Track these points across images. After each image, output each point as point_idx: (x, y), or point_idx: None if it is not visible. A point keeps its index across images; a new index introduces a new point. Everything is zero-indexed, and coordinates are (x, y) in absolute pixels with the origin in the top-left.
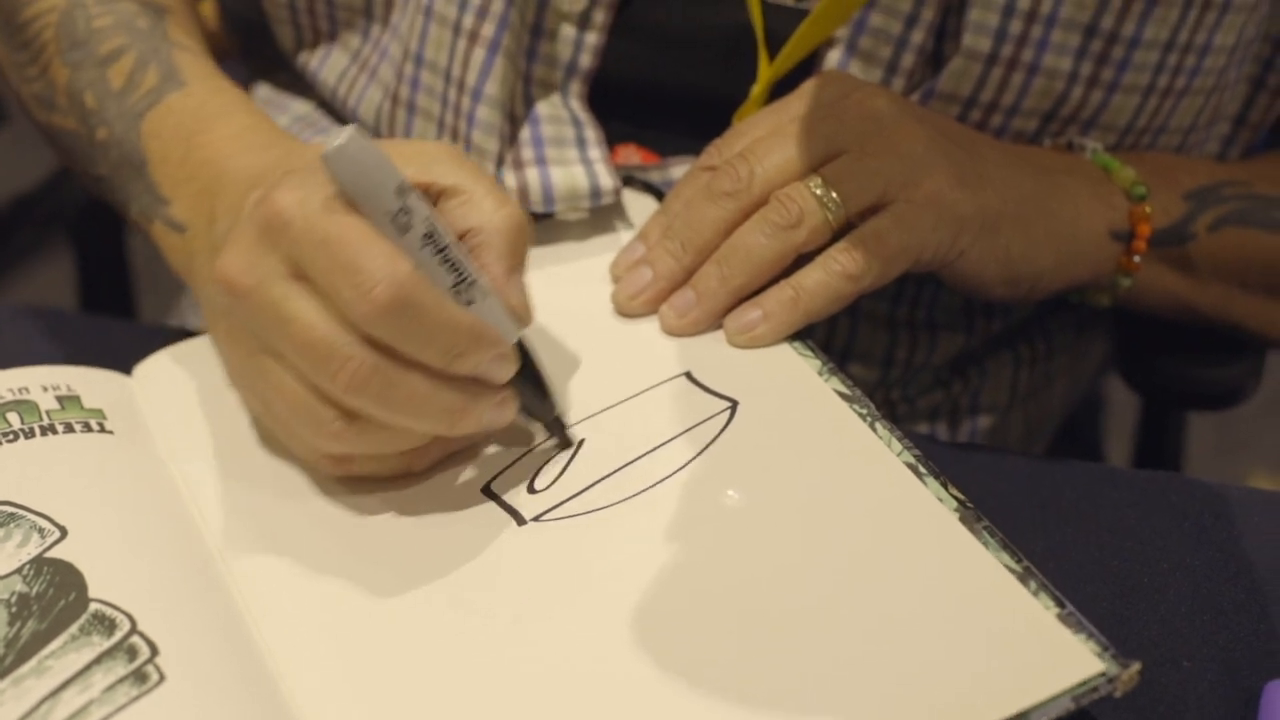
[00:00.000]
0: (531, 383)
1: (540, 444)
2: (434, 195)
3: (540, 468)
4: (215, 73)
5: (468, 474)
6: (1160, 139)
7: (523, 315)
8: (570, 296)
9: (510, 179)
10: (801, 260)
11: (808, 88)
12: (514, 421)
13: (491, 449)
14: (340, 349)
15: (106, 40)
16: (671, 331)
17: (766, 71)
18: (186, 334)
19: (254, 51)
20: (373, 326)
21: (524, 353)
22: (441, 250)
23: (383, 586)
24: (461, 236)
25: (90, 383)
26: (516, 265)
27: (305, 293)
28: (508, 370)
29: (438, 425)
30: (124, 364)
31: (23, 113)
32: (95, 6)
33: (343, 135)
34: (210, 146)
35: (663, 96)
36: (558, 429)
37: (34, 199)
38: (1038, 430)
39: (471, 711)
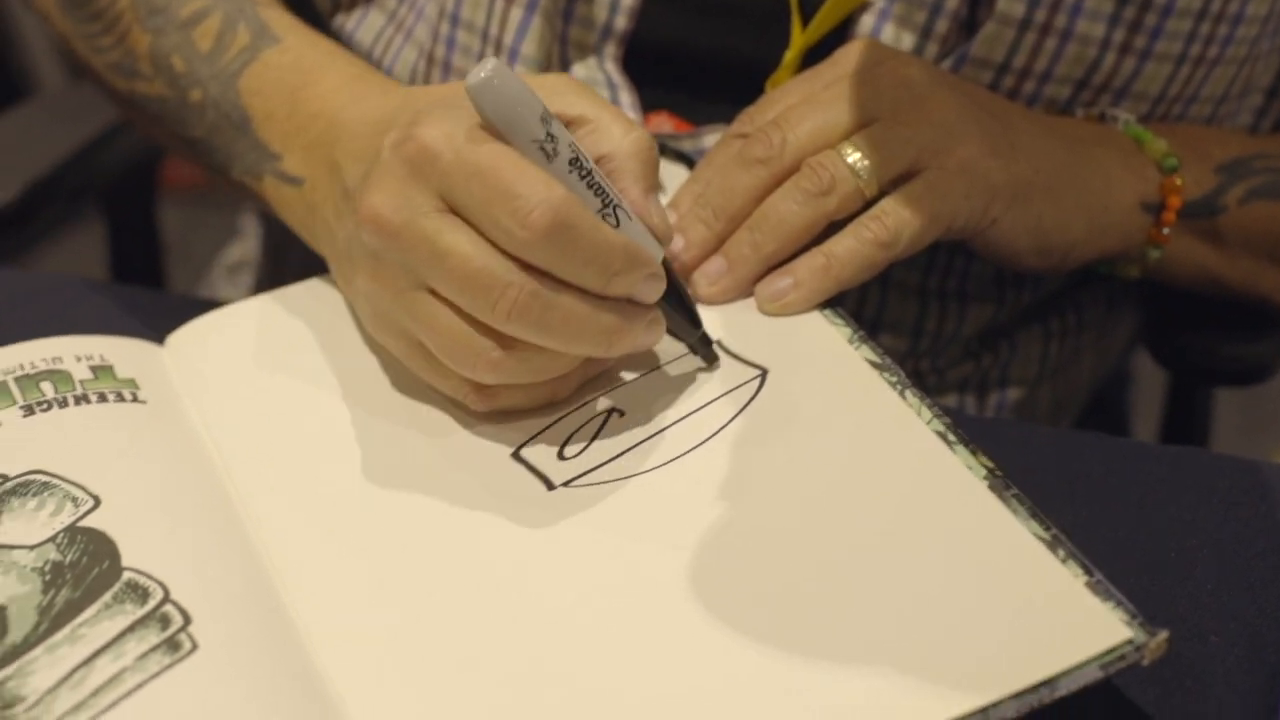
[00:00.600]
0: (677, 302)
1: (570, 411)
2: (565, 124)
3: (571, 435)
4: (306, 27)
5: (498, 440)
6: (1192, 109)
7: (664, 235)
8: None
9: None
10: (833, 228)
11: (840, 56)
12: None
13: (521, 414)
14: (500, 276)
15: (186, 3)
16: (703, 299)
17: (799, 38)
18: (216, 305)
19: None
20: (532, 252)
21: (669, 273)
22: (586, 175)
23: (413, 553)
24: (598, 161)
25: (123, 353)
26: (651, 187)
27: (459, 225)
28: (659, 289)
29: (596, 347)
30: (155, 334)
31: (62, 81)
32: None
33: (487, 67)
34: (319, 99)
35: (696, 62)
36: (704, 347)
37: (65, 170)
38: (1066, 405)
39: (500, 674)
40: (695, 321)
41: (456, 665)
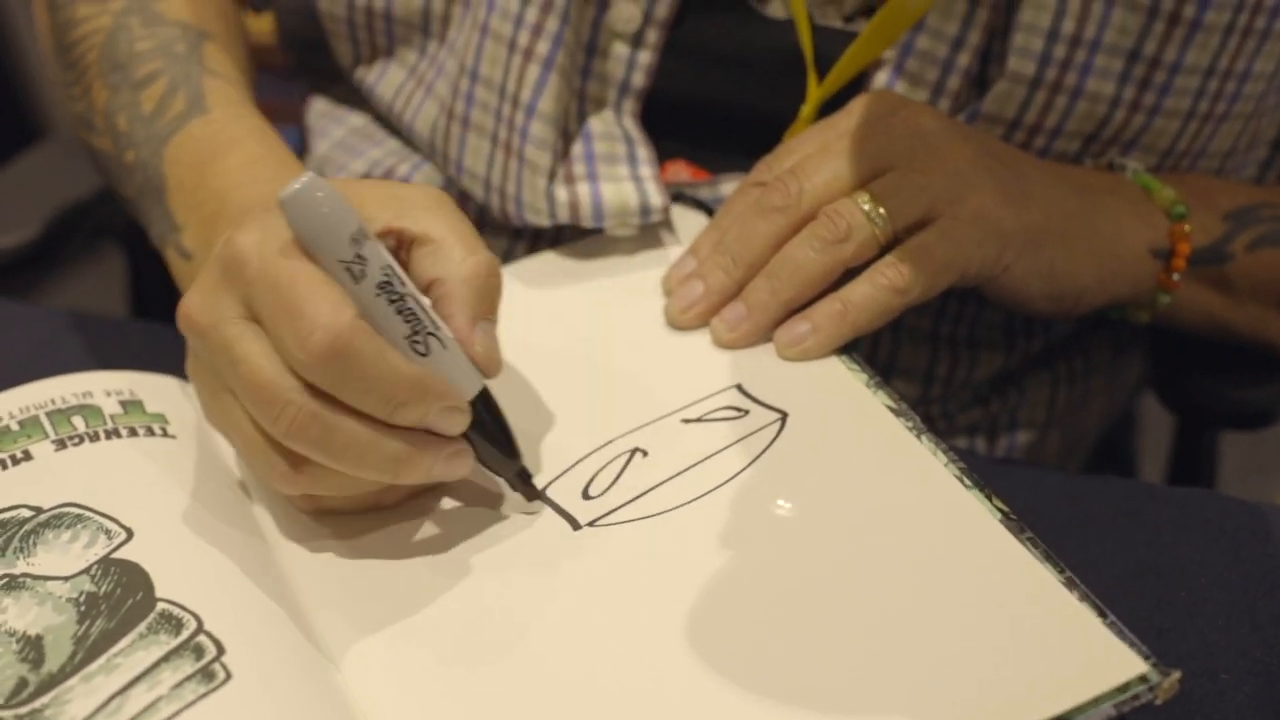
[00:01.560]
0: (491, 436)
1: (594, 451)
2: (406, 242)
3: (595, 474)
4: (240, 100)
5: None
6: (1199, 163)
7: (486, 366)
8: (622, 310)
9: (562, 193)
10: (849, 274)
11: (856, 105)
12: (567, 427)
13: (546, 453)
14: (281, 393)
15: (144, 64)
16: (723, 344)
17: (815, 92)
18: None
19: (311, 67)
20: (311, 373)
21: (487, 405)
22: (396, 300)
23: (441, 589)
24: (429, 285)
25: (152, 388)
26: (483, 314)
27: (257, 335)
28: (458, 423)
29: (381, 474)
30: (177, 369)
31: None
32: (139, 29)
33: (299, 180)
34: (221, 176)
35: (713, 115)
36: (520, 485)
37: (86, 207)
38: (1074, 447)
39: (526, 711)
40: (512, 454)
41: (484, 701)
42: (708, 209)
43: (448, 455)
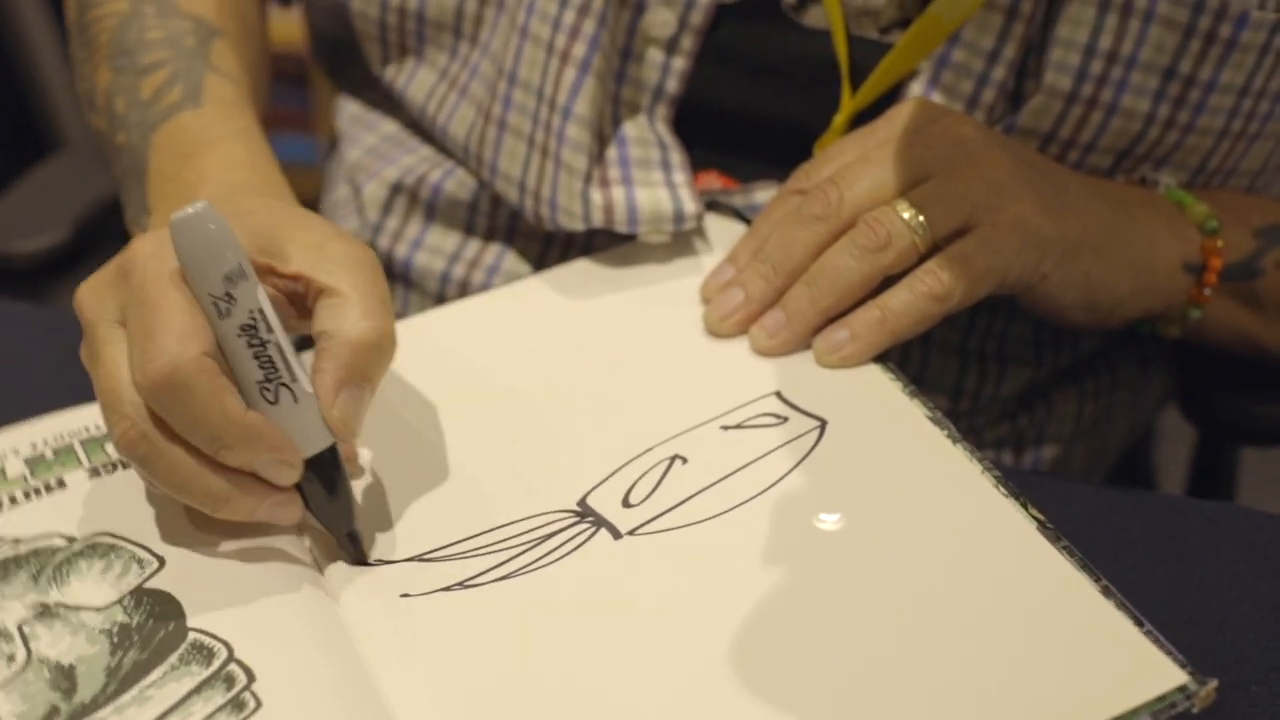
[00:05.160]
0: (322, 493)
1: (634, 459)
2: (314, 292)
3: (635, 482)
4: (236, 99)
5: (563, 487)
6: (1230, 180)
7: (338, 430)
8: (658, 318)
9: (597, 197)
10: (888, 282)
11: (894, 114)
12: (607, 435)
13: (586, 462)
14: (121, 405)
15: (151, 53)
16: (762, 351)
17: (849, 102)
18: None
19: (341, 70)
20: (146, 396)
21: (331, 464)
22: (256, 345)
23: (481, 602)
24: (319, 337)
25: None
26: (354, 379)
27: (121, 341)
28: (287, 476)
29: (201, 505)
30: None
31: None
32: (153, 19)
33: (193, 206)
34: (195, 170)
35: (746, 124)
36: (349, 546)
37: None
38: (1097, 462)
39: None
40: (343, 516)
41: (525, 713)
42: (743, 217)
43: (272, 503)
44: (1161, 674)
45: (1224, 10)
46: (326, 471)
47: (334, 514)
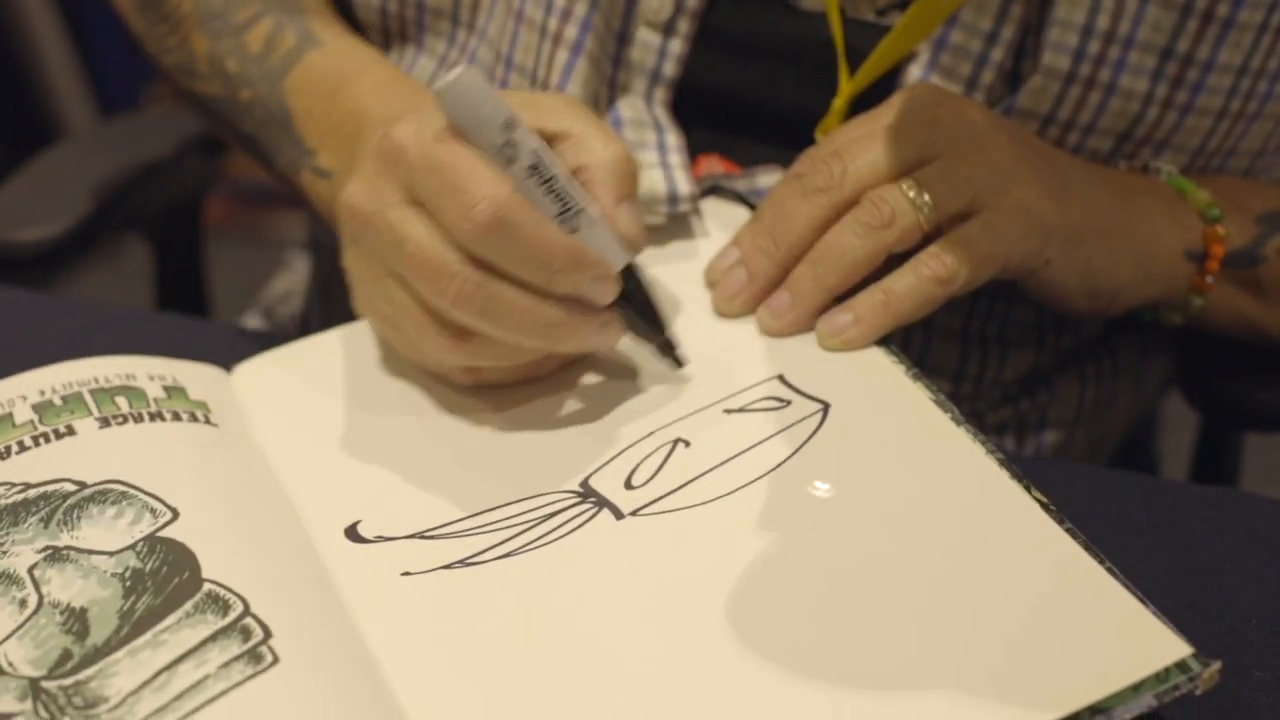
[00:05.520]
0: (639, 307)
1: (637, 441)
2: (546, 139)
3: (638, 464)
4: (348, 33)
5: (566, 469)
6: (1230, 162)
7: (633, 241)
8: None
9: None
10: (892, 262)
11: (900, 97)
12: (610, 418)
13: (589, 444)
14: (448, 265)
15: (242, 9)
16: (769, 333)
17: (847, 85)
18: (268, 337)
19: None
20: (475, 244)
21: (633, 278)
22: (546, 180)
23: (484, 579)
24: (574, 173)
25: (194, 376)
26: (625, 195)
27: (419, 216)
28: (608, 293)
29: (541, 340)
30: (210, 362)
31: (89, 122)
32: None
33: (455, 71)
34: (352, 100)
35: (744, 107)
36: (667, 352)
37: (114, 203)
38: (1100, 447)
39: (568, 698)
40: (659, 327)
41: (525, 686)
42: (745, 201)
43: (600, 324)
44: (1166, 648)
45: None
46: (633, 286)
47: (647, 326)
